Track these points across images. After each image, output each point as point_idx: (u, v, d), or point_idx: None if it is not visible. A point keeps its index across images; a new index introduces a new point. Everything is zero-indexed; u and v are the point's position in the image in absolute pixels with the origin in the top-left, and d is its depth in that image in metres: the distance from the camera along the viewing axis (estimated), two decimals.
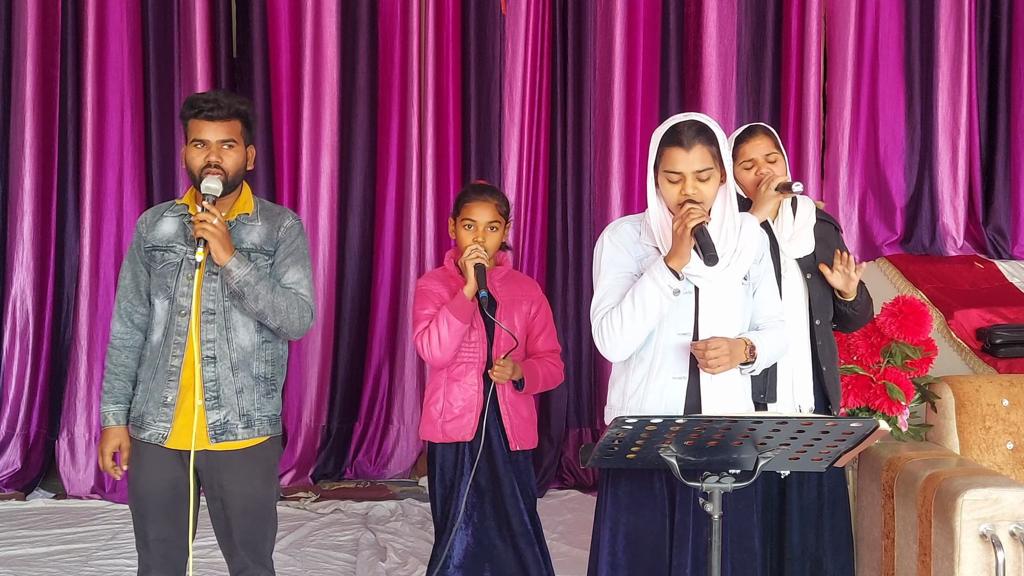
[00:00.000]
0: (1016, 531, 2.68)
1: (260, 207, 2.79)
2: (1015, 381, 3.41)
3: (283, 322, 2.69)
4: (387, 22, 5.47)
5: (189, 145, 2.68)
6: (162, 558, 2.74)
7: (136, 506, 2.75)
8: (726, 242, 2.47)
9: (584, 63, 5.51)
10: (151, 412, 2.68)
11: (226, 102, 2.67)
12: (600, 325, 2.49)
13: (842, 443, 2.13)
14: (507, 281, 3.13)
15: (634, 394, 2.49)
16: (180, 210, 2.75)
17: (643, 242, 2.53)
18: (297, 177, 5.43)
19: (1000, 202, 5.64)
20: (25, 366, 5.27)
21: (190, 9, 5.25)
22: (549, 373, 3.14)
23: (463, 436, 3.06)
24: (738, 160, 3.00)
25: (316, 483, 5.30)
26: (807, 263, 2.99)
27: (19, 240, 5.28)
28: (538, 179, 5.50)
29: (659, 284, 2.39)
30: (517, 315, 3.09)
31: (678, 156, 2.41)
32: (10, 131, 5.28)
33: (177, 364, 2.66)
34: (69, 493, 5.11)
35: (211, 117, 2.66)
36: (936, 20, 5.57)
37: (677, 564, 2.46)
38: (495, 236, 3.08)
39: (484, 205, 3.08)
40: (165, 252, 2.71)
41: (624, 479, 2.51)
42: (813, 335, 2.97)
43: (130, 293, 2.76)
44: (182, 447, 2.67)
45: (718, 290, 2.47)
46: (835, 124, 5.59)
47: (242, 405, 2.69)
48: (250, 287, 2.62)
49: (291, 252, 2.76)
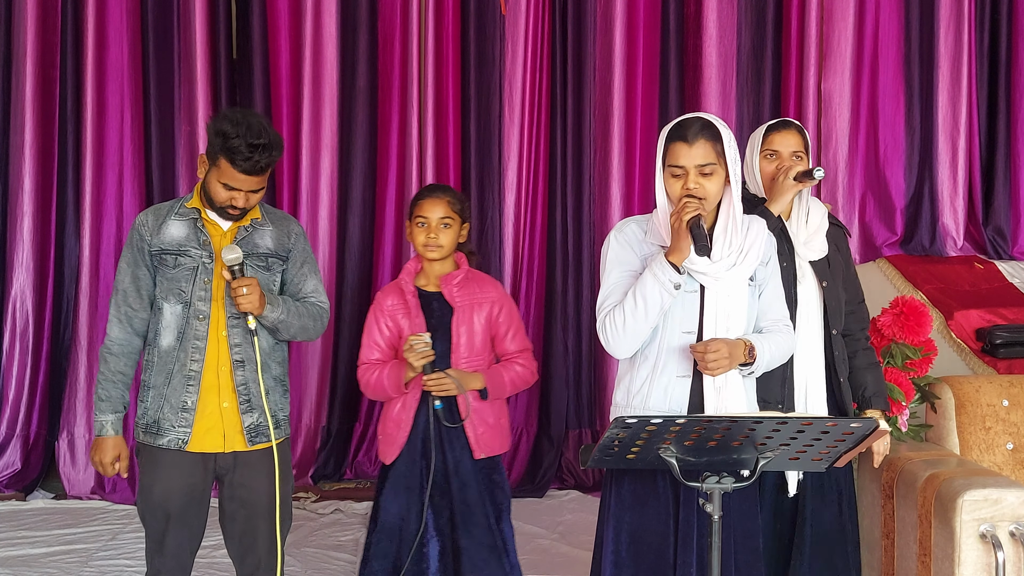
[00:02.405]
0: (1016, 531, 2.68)
1: (265, 211, 2.81)
2: (1015, 381, 3.41)
3: (309, 336, 2.82)
4: (387, 23, 5.47)
5: (215, 180, 2.63)
6: (176, 563, 2.75)
7: (154, 513, 2.72)
8: (731, 241, 2.47)
9: (584, 63, 5.51)
10: (168, 418, 2.67)
11: (263, 156, 2.59)
12: (604, 322, 2.50)
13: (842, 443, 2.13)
14: (466, 284, 3.04)
15: (638, 392, 2.50)
16: (189, 214, 2.73)
17: (649, 241, 2.54)
18: (297, 177, 5.43)
19: (1000, 202, 5.64)
20: (25, 367, 5.27)
21: (190, 10, 5.25)
22: (517, 376, 3.07)
23: (388, 458, 3.01)
24: (763, 149, 2.94)
25: (316, 483, 5.30)
26: (822, 269, 2.93)
27: (19, 240, 5.28)
28: (538, 179, 5.50)
29: (659, 279, 2.40)
30: (477, 318, 3.03)
31: (681, 150, 2.43)
32: (10, 131, 5.28)
33: (197, 368, 2.67)
34: (69, 494, 5.11)
35: (248, 171, 2.61)
36: (936, 20, 5.57)
37: (683, 563, 2.46)
38: (449, 233, 3.01)
39: (435, 201, 3.03)
40: (178, 256, 2.69)
41: (628, 478, 2.51)
42: (830, 344, 2.92)
43: (131, 297, 2.72)
44: (206, 450, 2.68)
45: (724, 290, 2.47)
46: (835, 124, 5.59)
47: (270, 407, 2.72)
48: (284, 324, 2.71)
49: (305, 260, 2.84)
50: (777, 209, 2.85)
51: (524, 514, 4.82)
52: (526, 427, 5.47)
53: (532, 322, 5.46)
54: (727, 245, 2.47)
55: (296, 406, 5.37)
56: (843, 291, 2.98)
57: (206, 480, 2.73)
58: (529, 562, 4.21)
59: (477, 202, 5.47)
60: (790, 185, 2.84)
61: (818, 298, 2.92)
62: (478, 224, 5.48)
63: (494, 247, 5.47)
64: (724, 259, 2.47)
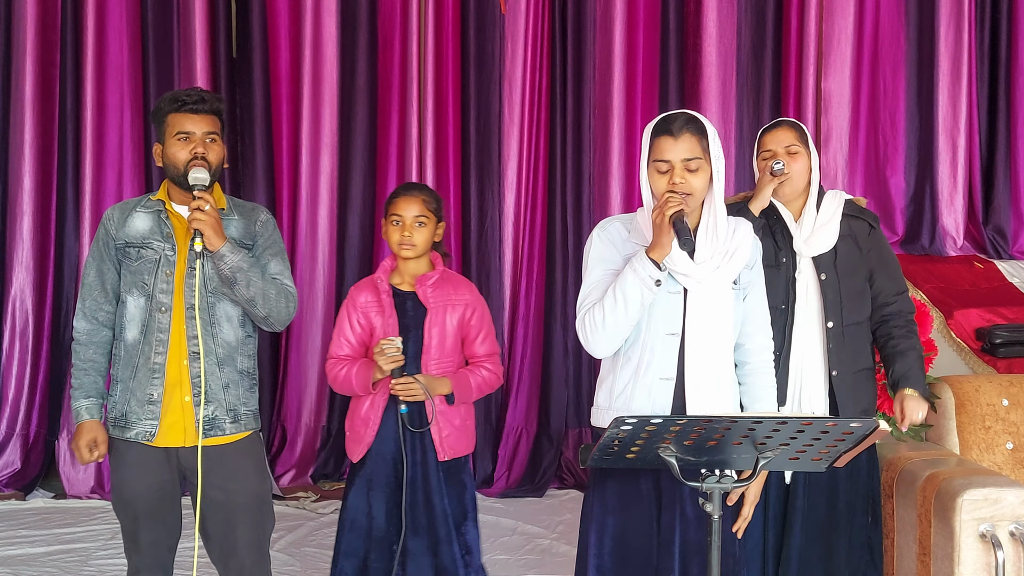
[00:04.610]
0: (1016, 531, 2.68)
1: (232, 203, 2.80)
2: (1015, 381, 3.41)
3: (271, 310, 2.70)
4: (387, 22, 5.47)
5: (171, 139, 2.66)
6: (154, 559, 2.75)
7: (125, 510, 2.72)
8: (716, 242, 2.44)
9: (584, 63, 5.51)
10: (135, 411, 2.65)
11: (208, 97, 2.69)
12: (583, 320, 2.46)
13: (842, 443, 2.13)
14: (440, 285, 3.02)
15: (621, 394, 2.48)
16: (154, 206, 2.72)
17: (632, 240, 2.50)
18: (297, 177, 5.43)
19: (1000, 202, 5.64)
20: (25, 366, 5.27)
21: (190, 9, 5.26)
22: (484, 380, 3.05)
23: (355, 456, 2.99)
24: (760, 151, 2.97)
25: (316, 483, 5.30)
26: (824, 262, 2.92)
27: (19, 240, 5.28)
28: (538, 179, 5.50)
29: (639, 275, 2.36)
30: (449, 320, 3.01)
31: (666, 144, 2.39)
32: (10, 131, 5.29)
33: (161, 361, 2.65)
34: (69, 493, 5.11)
35: (195, 110, 2.66)
36: (936, 19, 5.57)
37: (664, 568, 2.44)
38: (424, 232, 2.99)
39: (410, 199, 3.01)
40: (141, 249, 2.68)
41: (610, 481, 2.49)
42: (825, 338, 2.90)
43: (95, 291, 2.73)
44: (171, 444, 2.66)
45: (707, 292, 2.44)
46: (835, 124, 5.59)
47: (229, 400, 2.69)
48: (243, 272, 2.62)
49: (270, 245, 2.78)
50: (757, 206, 2.88)
51: (524, 514, 4.83)
52: (526, 427, 5.47)
53: (532, 322, 5.47)
54: (711, 246, 2.43)
55: (296, 406, 5.37)
56: (862, 282, 2.97)
57: (174, 476, 2.70)
58: (529, 562, 4.22)
59: (477, 202, 5.48)
60: (766, 181, 2.89)
61: (816, 291, 2.92)
62: (478, 224, 5.48)
63: (494, 247, 5.47)
64: (708, 261, 2.43)
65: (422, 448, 2.97)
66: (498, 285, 5.48)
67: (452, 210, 5.44)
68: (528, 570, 4.13)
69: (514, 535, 4.55)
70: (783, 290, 2.90)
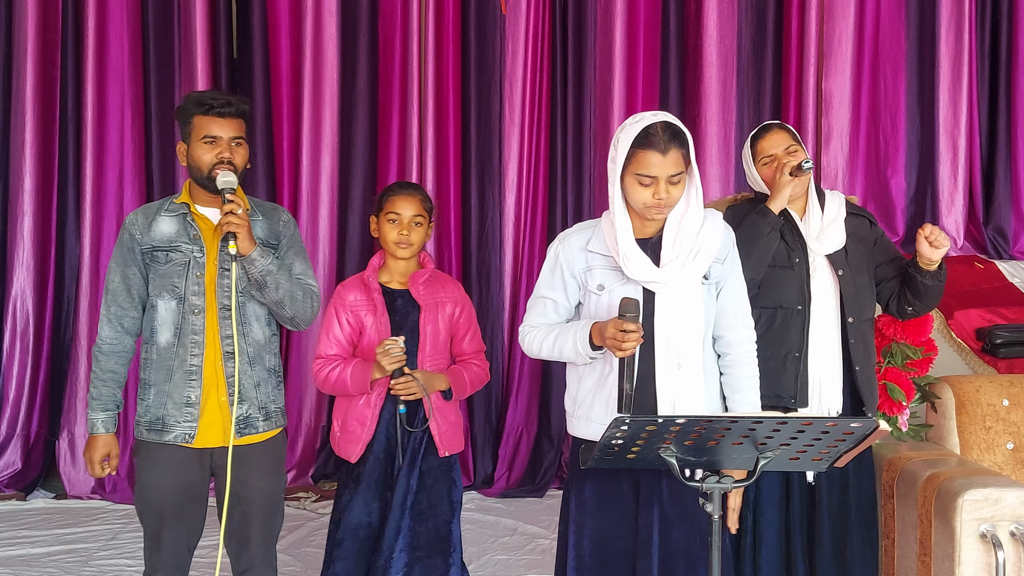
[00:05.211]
0: (1016, 531, 2.68)
1: (253, 203, 2.82)
2: (1015, 381, 3.41)
3: (298, 311, 2.76)
4: (387, 22, 5.47)
5: (197, 142, 2.68)
6: (173, 560, 2.75)
7: (149, 512, 2.72)
8: (682, 243, 2.43)
9: (584, 63, 5.51)
10: (172, 414, 2.67)
11: (235, 100, 2.71)
12: (524, 338, 2.60)
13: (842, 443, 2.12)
14: (430, 283, 3.06)
15: (583, 402, 2.50)
16: (179, 209, 2.74)
17: (591, 249, 2.49)
18: (297, 177, 5.43)
19: (1000, 202, 5.64)
20: (25, 366, 5.28)
21: (190, 9, 5.26)
22: (475, 376, 3.09)
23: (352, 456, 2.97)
24: (757, 158, 2.96)
25: (316, 483, 5.30)
26: (838, 259, 2.94)
27: (19, 240, 5.28)
28: (538, 179, 5.50)
29: (578, 351, 2.44)
30: (440, 317, 3.04)
31: (653, 160, 2.35)
32: (10, 131, 5.29)
33: (197, 363, 2.67)
34: (69, 493, 5.11)
35: (222, 114, 2.68)
36: (937, 20, 5.58)
37: (642, 569, 2.43)
38: (420, 231, 3.03)
39: (409, 199, 3.02)
40: (169, 252, 2.69)
41: (589, 481, 2.49)
42: (845, 334, 2.92)
43: (120, 296, 2.72)
44: (208, 445, 2.69)
45: (674, 293, 2.43)
46: (835, 124, 5.59)
47: (260, 399, 2.73)
48: (272, 276, 2.67)
49: (292, 245, 2.83)
50: (777, 206, 2.87)
51: (524, 514, 4.83)
52: (526, 427, 5.47)
53: None
54: (674, 248, 2.43)
55: (296, 406, 5.37)
56: (869, 278, 2.99)
57: (203, 476, 2.73)
58: (529, 562, 4.22)
59: (477, 202, 5.47)
60: (786, 181, 2.87)
61: (834, 289, 2.93)
62: (478, 224, 5.48)
63: (494, 247, 5.47)
64: (672, 262, 2.42)
65: (417, 446, 2.98)
66: (498, 285, 5.47)
67: (452, 210, 5.44)
68: (528, 570, 4.13)
69: (514, 535, 4.55)
70: (798, 291, 2.91)
